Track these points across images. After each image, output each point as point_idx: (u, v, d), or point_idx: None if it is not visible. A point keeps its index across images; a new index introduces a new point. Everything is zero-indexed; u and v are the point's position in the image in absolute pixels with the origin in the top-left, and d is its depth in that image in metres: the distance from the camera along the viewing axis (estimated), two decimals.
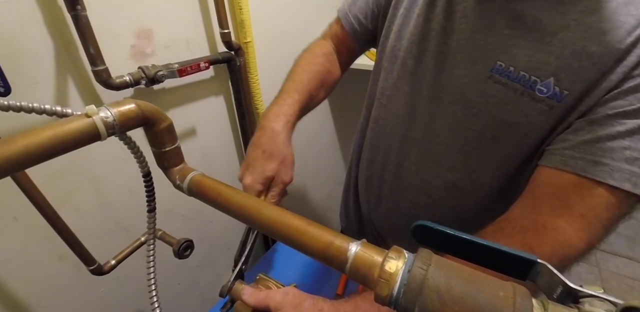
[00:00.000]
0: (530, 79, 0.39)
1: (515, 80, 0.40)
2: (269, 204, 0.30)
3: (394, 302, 0.20)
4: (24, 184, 0.46)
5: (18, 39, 0.45)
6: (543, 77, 0.38)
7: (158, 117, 0.32)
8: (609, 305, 0.18)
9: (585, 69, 0.36)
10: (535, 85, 0.39)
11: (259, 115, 0.85)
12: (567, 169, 0.37)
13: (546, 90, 0.38)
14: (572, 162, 0.37)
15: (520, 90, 0.40)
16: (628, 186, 0.34)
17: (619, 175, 0.34)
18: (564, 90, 0.37)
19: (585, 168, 0.36)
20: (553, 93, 0.38)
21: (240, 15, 0.70)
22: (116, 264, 0.59)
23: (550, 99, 0.38)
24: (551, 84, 0.38)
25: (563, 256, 0.35)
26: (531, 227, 0.37)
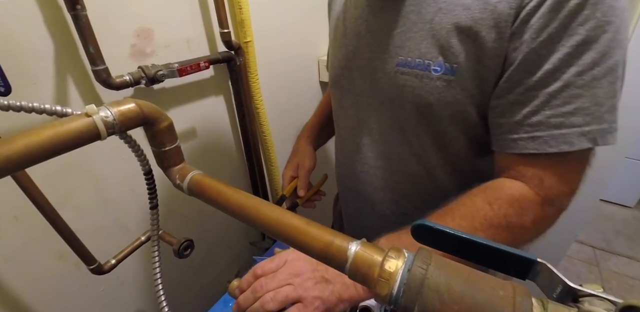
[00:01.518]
0: (424, 63, 0.45)
1: (415, 67, 0.46)
2: (269, 203, 0.30)
3: (394, 301, 0.20)
4: (24, 183, 0.46)
5: (18, 38, 0.45)
6: (434, 58, 0.44)
7: (158, 116, 0.32)
8: (608, 304, 0.18)
9: (463, 43, 0.42)
10: (430, 67, 0.45)
11: (259, 115, 0.85)
12: (512, 151, 0.42)
13: (439, 68, 0.44)
14: (513, 144, 0.42)
15: (420, 74, 0.46)
16: (566, 147, 0.39)
17: (554, 142, 0.39)
18: (453, 64, 0.43)
19: (526, 146, 0.41)
20: (445, 69, 0.44)
21: (240, 14, 0.70)
22: (116, 264, 0.59)
23: (445, 74, 0.44)
24: (442, 62, 0.44)
25: (520, 208, 0.40)
26: (490, 186, 0.43)
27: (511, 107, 0.42)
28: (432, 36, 0.44)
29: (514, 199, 0.41)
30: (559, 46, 0.37)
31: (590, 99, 0.38)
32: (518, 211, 0.41)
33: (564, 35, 0.36)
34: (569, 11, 0.35)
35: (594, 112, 0.38)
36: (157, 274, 0.39)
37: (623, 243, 1.99)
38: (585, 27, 0.35)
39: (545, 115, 0.39)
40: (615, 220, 2.17)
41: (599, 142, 0.39)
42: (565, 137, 0.39)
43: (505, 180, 0.43)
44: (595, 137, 0.39)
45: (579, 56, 0.36)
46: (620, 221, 2.16)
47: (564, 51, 0.37)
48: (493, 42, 0.40)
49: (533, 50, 0.38)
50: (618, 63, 0.37)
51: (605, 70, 0.37)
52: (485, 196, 0.42)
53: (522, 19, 0.37)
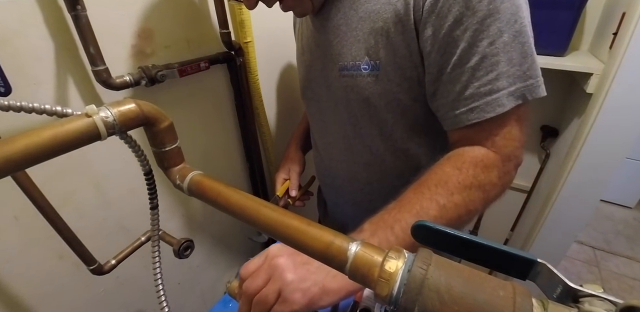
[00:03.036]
0: (356, 65, 0.52)
1: (350, 69, 0.53)
2: (269, 204, 0.30)
3: (394, 302, 0.20)
4: (24, 183, 0.46)
5: (18, 39, 0.45)
6: (361, 59, 0.51)
7: (158, 117, 0.32)
8: (608, 304, 0.18)
9: (379, 42, 0.48)
10: (360, 67, 0.52)
11: (259, 115, 0.85)
12: (458, 127, 0.47)
13: (367, 66, 0.51)
14: (457, 119, 0.47)
15: (354, 74, 0.53)
16: (500, 110, 0.43)
17: (489, 108, 0.44)
18: (376, 60, 0.50)
19: (468, 117, 0.45)
20: (372, 67, 0.50)
21: (240, 15, 0.70)
22: (116, 264, 0.59)
23: (372, 70, 0.51)
24: (368, 61, 0.50)
25: (485, 167, 0.45)
26: (453, 154, 0.47)
27: (445, 88, 0.46)
28: (358, 41, 0.51)
29: (477, 160, 0.45)
30: (468, 24, 0.41)
31: (507, 62, 0.42)
32: (484, 169, 0.45)
33: (468, 14, 0.41)
34: None
35: (515, 72, 0.42)
36: (158, 274, 0.39)
37: (623, 243, 1.99)
38: (483, 2, 0.40)
39: (474, 87, 0.44)
40: (615, 220, 2.17)
41: (529, 97, 0.44)
42: (497, 101, 0.43)
43: (465, 147, 0.47)
44: (524, 93, 0.43)
45: (487, 29, 0.41)
46: (620, 221, 2.16)
47: (473, 28, 0.41)
48: (401, 34, 0.46)
49: (447, 34, 0.42)
50: (524, 25, 0.42)
51: (513, 34, 0.41)
52: (451, 162, 0.46)
53: (427, 9, 0.42)
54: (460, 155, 0.46)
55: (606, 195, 2.25)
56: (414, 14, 0.44)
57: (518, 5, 0.41)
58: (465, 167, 0.44)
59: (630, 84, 0.88)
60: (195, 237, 0.60)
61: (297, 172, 0.84)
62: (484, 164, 0.45)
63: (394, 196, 0.45)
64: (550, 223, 1.17)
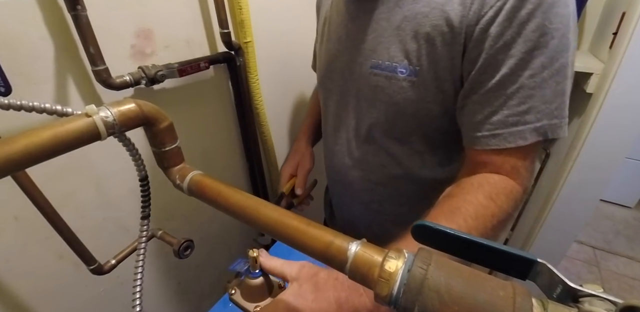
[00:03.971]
0: (392, 66, 0.50)
1: (385, 69, 0.51)
2: (269, 204, 0.30)
3: (394, 302, 0.20)
4: (24, 183, 0.46)
5: (18, 38, 0.45)
6: (400, 61, 0.49)
7: (158, 117, 0.32)
8: (608, 304, 0.18)
9: (423, 47, 0.46)
10: (397, 69, 0.50)
11: (259, 115, 0.85)
12: (479, 148, 0.47)
13: (404, 70, 0.49)
14: (477, 141, 0.47)
15: (389, 76, 0.51)
16: (521, 142, 0.44)
17: (512, 138, 0.44)
18: (415, 66, 0.48)
19: (488, 142, 0.46)
20: (409, 71, 0.49)
21: (240, 15, 0.70)
22: (116, 264, 0.59)
23: (409, 76, 0.49)
24: (406, 65, 0.49)
25: (514, 201, 0.45)
26: (484, 181, 0.46)
27: (474, 107, 0.46)
28: (399, 41, 0.48)
29: (509, 192, 0.45)
30: (515, 52, 0.41)
31: (541, 98, 0.42)
32: (513, 203, 0.45)
33: (518, 41, 0.40)
34: (521, 20, 0.39)
35: (544, 109, 0.43)
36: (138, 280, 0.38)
37: (623, 243, 1.99)
38: (536, 34, 0.40)
39: (504, 115, 0.44)
40: (615, 220, 2.17)
41: (549, 135, 0.44)
42: (521, 134, 0.44)
43: (492, 175, 0.47)
44: (547, 131, 0.44)
45: (531, 60, 0.41)
46: (620, 221, 2.16)
47: (519, 56, 0.41)
48: (448, 46, 0.45)
49: (492, 56, 0.42)
50: (565, 64, 0.42)
51: (552, 72, 0.41)
52: (485, 191, 0.44)
53: (481, 28, 0.41)
54: (493, 185, 0.45)
55: (606, 195, 2.25)
56: (466, 28, 0.42)
57: (566, 44, 0.41)
58: (500, 199, 0.43)
59: (630, 83, 0.88)
60: (195, 237, 0.60)
61: (307, 169, 0.80)
62: (514, 197, 0.45)
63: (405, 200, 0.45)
64: (550, 223, 1.17)
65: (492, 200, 0.43)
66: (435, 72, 0.47)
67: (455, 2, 0.43)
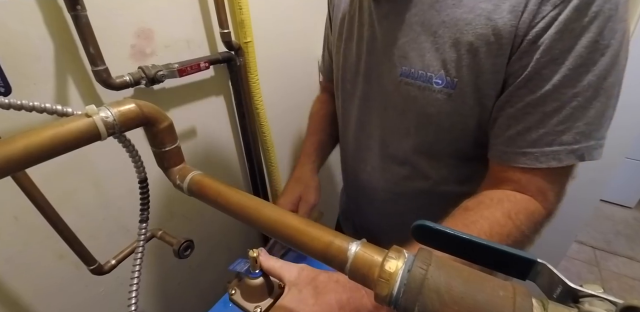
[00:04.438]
0: (427, 75, 0.46)
1: (417, 78, 0.47)
2: (269, 204, 0.30)
3: (394, 302, 0.20)
4: (24, 183, 0.46)
5: (18, 39, 0.45)
6: (436, 71, 0.45)
7: (158, 117, 0.32)
8: (608, 305, 0.18)
9: (464, 58, 0.42)
10: (432, 79, 0.45)
11: (259, 115, 0.85)
12: (504, 163, 0.44)
13: (441, 81, 0.45)
14: (505, 156, 0.44)
15: (422, 86, 0.47)
16: (554, 164, 0.41)
17: (544, 158, 0.41)
18: (454, 78, 0.44)
19: (517, 160, 0.43)
20: (446, 83, 0.44)
21: (240, 15, 0.70)
22: (116, 264, 0.59)
23: (446, 88, 0.45)
24: (443, 75, 0.44)
25: (534, 223, 0.42)
26: (505, 198, 0.43)
27: (508, 121, 0.43)
28: (436, 49, 0.44)
29: (529, 213, 0.42)
30: (561, 67, 0.37)
31: (583, 119, 0.39)
32: (533, 226, 0.42)
33: (568, 56, 0.37)
34: (574, 34, 0.36)
35: (584, 130, 0.39)
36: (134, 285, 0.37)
37: (623, 243, 1.99)
38: (587, 50, 0.36)
39: (539, 133, 0.40)
40: (615, 220, 2.17)
41: (586, 158, 0.40)
42: (555, 154, 0.40)
43: (515, 193, 0.43)
44: (583, 153, 0.40)
45: (577, 78, 0.37)
46: (620, 221, 2.16)
47: (564, 73, 0.37)
48: (493, 58, 0.40)
49: (537, 70, 0.38)
50: (613, 84, 0.38)
51: (599, 92, 0.38)
52: (504, 209, 0.42)
53: (530, 39, 0.38)
54: (514, 203, 0.42)
55: (606, 195, 2.25)
56: (514, 38, 0.39)
57: (616, 62, 0.38)
58: (520, 218, 0.41)
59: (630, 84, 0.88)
60: (195, 237, 0.60)
61: (311, 204, 0.66)
62: (535, 219, 0.42)
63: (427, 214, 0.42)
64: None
65: (510, 219, 0.41)
66: (475, 85, 0.43)
67: (505, 10, 0.38)
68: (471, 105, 0.45)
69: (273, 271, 0.47)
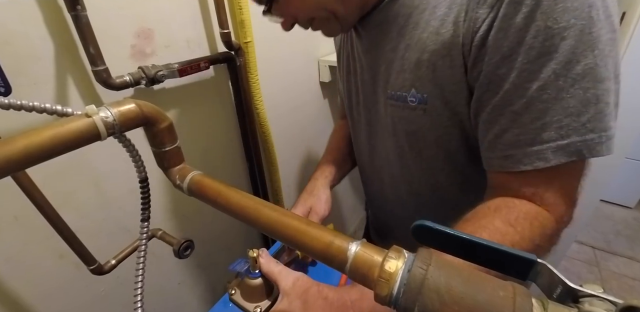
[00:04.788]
0: (402, 95, 0.49)
1: (398, 99, 0.50)
2: (269, 204, 0.30)
3: (394, 302, 0.20)
4: (24, 183, 0.46)
5: (18, 39, 0.45)
6: (408, 90, 0.47)
7: (158, 117, 0.32)
8: (608, 305, 0.18)
9: (426, 74, 0.44)
10: (407, 98, 0.48)
11: (259, 115, 0.85)
12: (493, 169, 0.43)
13: (414, 99, 0.47)
14: (492, 162, 0.43)
15: (401, 106, 0.50)
16: (541, 164, 0.38)
17: (527, 159, 0.38)
18: (424, 94, 0.46)
19: (502, 164, 0.41)
20: (418, 99, 0.47)
21: (240, 15, 0.70)
22: (116, 264, 0.59)
23: (420, 103, 0.47)
24: (415, 93, 0.47)
25: (541, 229, 0.39)
26: (503, 205, 0.41)
27: (484, 126, 0.42)
28: (404, 70, 0.47)
29: (532, 218, 0.39)
30: (515, 63, 0.36)
31: (561, 111, 0.36)
32: (540, 231, 0.39)
33: (519, 51, 0.35)
34: (517, 27, 0.35)
35: (570, 123, 0.36)
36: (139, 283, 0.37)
37: (623, 243, 1.98)
38: (538, 38, 0.34)
39: (514, 133, 0.39)
40: (615, 220, 2.17)
41: (586, 154, 0.36)
42: (539, 154, 0.38)
43: (514, 199, 0.41)
44: (580, 149, 0.36)
45: (539, 69, 0.35)
46: (620, 221, 2.16)
47: (522, 67, 0.36)
48: (449, 69, 0.42)
49: (491, 72, 0.38)
50: (592, 66, 0.34)
51: (573, 78, 0.35)
52: (503, 216, 0.39)
53: (477, 44, 0.38)
54: (512, 208, 0.40)
55: (606, 195, 2.25)
56: (462, 48, 0.39)
57: (589, 41, 0.33)
58: (522, 225, 0.38)
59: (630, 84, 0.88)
60: (195, 237, 0.60)
61: (320, 217, 0.67)
62: (541, 225, 0.39)
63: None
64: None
65: (512, 226, 0.38)
66: (443, 97, 0.45)
67: (449, 23, 0.40)
68: (448, 116, 0.46)
69: (271, 275, 0.48)
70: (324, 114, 1.23)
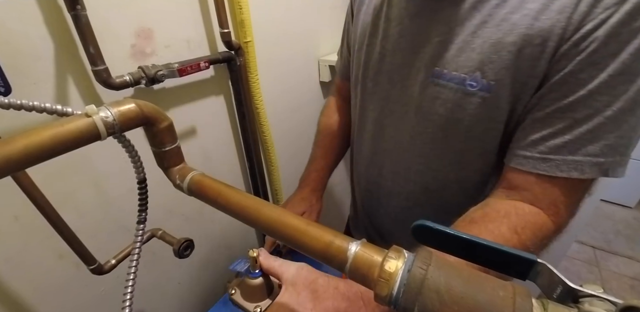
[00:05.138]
0: (460, 77, 0.43)
1: (450, 80, 0.44)
2: (269, 204, 0.30)
3: (394, 302, 0.20)
4: (24, 183, 0.46)
5: (18, 38, 0.45)
6: (471, 73, 0.42)
7: (158, 116, 0.32)
8: (608, 305, 0.18)
9: (504, 59, 0.40)
10: (466, 81, 0.43)
11: (259, 115, 0.85)
12: (523, 169, 0.41)
13: (475, 84, 0.42)
14: (525, 161, 0.41)
15: (455, 88, 0.44)
16: (576, 174, 0.38)
17: (565, 167, 0.38)
18: (490, 81, 0.41)
19: (536, 166, 0.40)
20: (482, 85, 0.42)
21: (240, 14, 0.70)
22: (116, 264, 0.59)
23: (481, 91, 0.42)
24: (478, 77, 0.42)
25: (541, 239, 0.40)
26: (513, 211, 0.41)
27: (533, 124, 0.40)
28: (472, 49, 0.41)
29: (537, 228, 0.40)
30: (601, 73, 0.35)
31: (614, 130, 0.36)
32: (539, 242, 0.40)
33: (610, 62, 0.34)
34: (621, 39, 0.33)
35: (613, 143, 0.37)
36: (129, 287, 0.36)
37: (623, 243, 1.99)
38: (631, 58, 0.34)
39: (564, 140, 0.38)
40: (616, 220, 2.17)
41: (610, 174, 0.38)
42: (577, 164, 0.38)
43: (524, 205, 0.41)
44: (608, 169, 0.38)
45: (616, 86, 0.35)
46: (620, 221, 2.16)
47: (603, 79, 0.35)
48: (535, 60, 0.38)
49: (574, 73, 0.36)
50: None
51: (637, 105, 0.35)
52: (511, 223, 0.39)
53: (574, 41, 0.35)
54: (521, 216, 0.40)
55: (606, 195, 2.25)
56: (560, 41, 0.36)
57: None
58: (526, 234, 0.39)
59: None
60: (195, 237, 0.60)
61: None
62: (542, 234, 0.40)
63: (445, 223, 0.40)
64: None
65: (517, 234, 0.38)
66: (513, 89, 0.40)
67: (554, 10, 0.36)
68: (506, 111, 0.42)
69: (272, 269, 0.46)
70: None
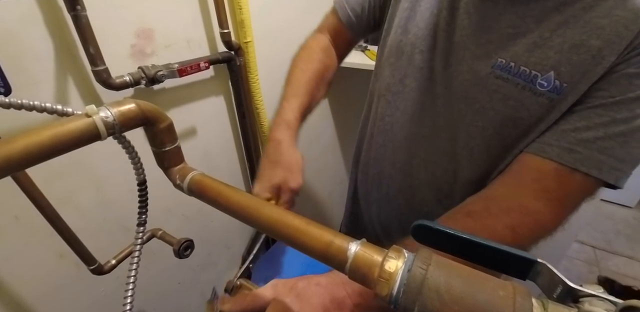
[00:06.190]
0: (531, 74, 0.40)
1: (517, 75, 0.41)
2: (269, 203, 0.30)
3: (394, 301, 0.20)
4: (25, 183, 0.46)
5: (18, 38, 0.45)
6: (543, 71, 0.40)
7: (158, 117, 0.32)
8: (608, 304, 0.18)
9: (584, 62, 0.38)
10: (536, 80, 0.40)
11: (259, 115, 0.85)
12: (544, 155, 0.40)
13: (547, 84, 0.40)
14: (549, 149, 0.40)
15: (522, 84, 0.41)
16: (595, 172, 0.37)
17: (589, 162, 0.37)
18: (564, 83, 0.39)
19: (560, 155, 0.39)
20: (553, 87, 0.39)
21: (240, 15, 0.70)
22: (116, 264, 0.59)
23: (551, 92, 0.40)
24: (552, 77, 0.39)
25: (536, 239, 0.40)
26: (515, 208, 0.40)
27: (569, 116, 0.40)
28: (549, 47, 0.39)
29: (535, 229, 0.39)
30: None
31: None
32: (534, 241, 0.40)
33: None
34: None
35: (636, 153, 0.37)
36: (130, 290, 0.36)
37: (623, 243, 1.98)
38: None
39: (596, 136, 0.37)
40: (616, 220, 2.17)
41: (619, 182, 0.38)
42: (600, 164, 0.37)
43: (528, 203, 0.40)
44: (618, 176, 0.38)
45: None
46: (620, 221, 2.16)
47: None
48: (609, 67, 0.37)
49: (629, 77, 0.36)
50: None
51: None
52: (509, 221, 0.39)
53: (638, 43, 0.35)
54: (524, 215, 0.39)
55: (606, 195, 2.25)
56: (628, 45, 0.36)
57: None
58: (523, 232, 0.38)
59: None
60: (195, 237, 0.60)
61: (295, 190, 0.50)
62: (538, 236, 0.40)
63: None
64: None
65: (513, 231, 0.38)
66: (579, 94, 0.39)
67: None
68: (560, 116, 0.41)
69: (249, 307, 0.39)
70: (324, 114, 1.23)
